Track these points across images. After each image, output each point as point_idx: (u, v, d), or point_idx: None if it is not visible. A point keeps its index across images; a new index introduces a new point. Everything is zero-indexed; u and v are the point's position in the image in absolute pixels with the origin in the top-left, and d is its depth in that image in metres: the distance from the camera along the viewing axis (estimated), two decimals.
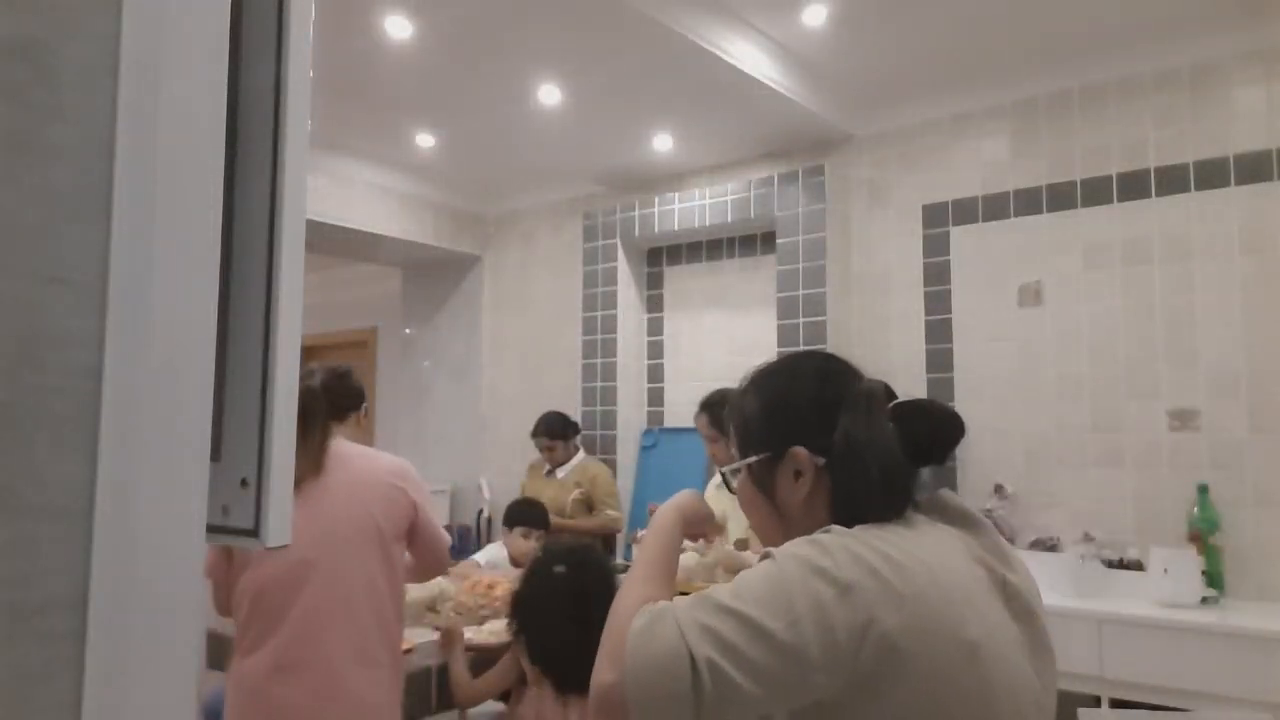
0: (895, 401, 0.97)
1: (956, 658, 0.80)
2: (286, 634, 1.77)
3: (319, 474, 1.82)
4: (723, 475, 1.08)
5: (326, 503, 1.82)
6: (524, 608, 2.11)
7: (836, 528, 0.87)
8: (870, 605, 0.79)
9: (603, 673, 0.85)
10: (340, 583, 1.81)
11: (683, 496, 1.12)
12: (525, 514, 3.17)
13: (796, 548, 0.85)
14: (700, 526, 1.13)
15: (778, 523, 1.00)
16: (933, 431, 0.95)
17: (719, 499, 3.02)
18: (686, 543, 1.22)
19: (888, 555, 0.83)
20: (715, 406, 2.87)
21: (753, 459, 1.01)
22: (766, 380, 1.07)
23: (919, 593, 0.81)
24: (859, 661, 0.79)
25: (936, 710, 0.79)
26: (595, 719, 0.85)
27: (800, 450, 0.97)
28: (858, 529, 0.87)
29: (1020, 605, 0.88)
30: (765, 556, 0.87)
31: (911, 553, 0.84)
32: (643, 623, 0.84)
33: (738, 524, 2.90)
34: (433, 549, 2.03)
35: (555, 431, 3.95)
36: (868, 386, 0.98)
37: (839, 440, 0.94)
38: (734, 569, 2.56)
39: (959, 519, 0.94)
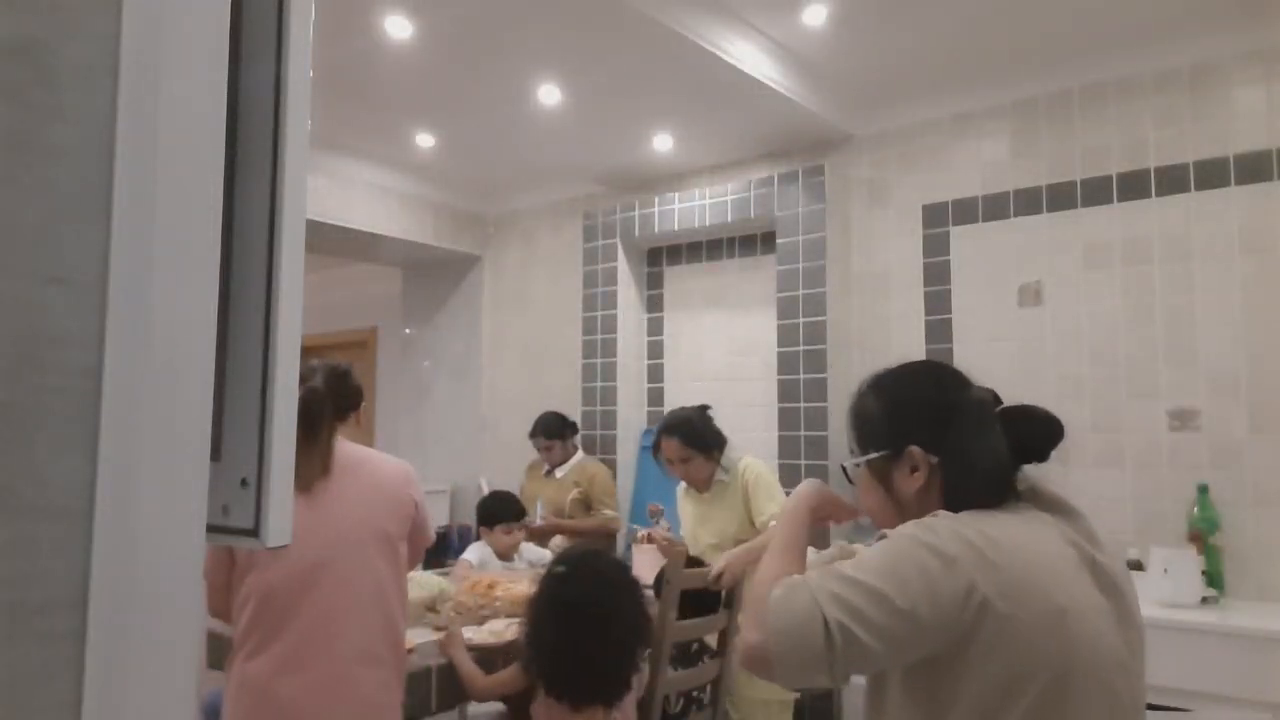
0: (1002, 407, 1.11)
1: (1048, 621, 0.94)
2: (295, 635, 1.77)
3: (327, 475, 1.83)
4: (843, 468, 1.22)
5: (337, 505, 1.83)
6: (532, 616, 2.09)
7: (944, 513, 1.03)
8: (970, 574, 0.95)
9: (749, 633, 1.04)
10: (350, 585, 1.82)
11: (807, 488, 1.27)
12: (501, 510, 3.15)
13: (909, 528, 1.01)
14: (827, 510, 1.27)
15: (894, 510, 1.13)
16: (1037, 433, 1.09)
17: (687, 505, 3.03)
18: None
19: (985, 533, 0.98)
20: (682, 427, 2.88)
21: (873, 455, 1.15)
22: (886, 384, 1.19)
23: (1011, 564, 0.95)
24: (962, 621, 0.94)
25: (1028, 661, 0.94)
26: (746, 668, 1.04)
27: (917, 449, 1.10)
28: (964, 514, 1.02)
29: (1108, 581, 1.01)
30: (882, 537, 1.03)
31: (1007, 532, 0.99)
32: (782, 592, 1.02)
33: (708, 530, 2.89)
34: (419, 548, 2.06)
35: (552, 431, 3.96)
36: (979, 394, 1.11)
37: (953, 442, 1.08)
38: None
39: (1055, 506, 1.08)
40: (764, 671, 1.02)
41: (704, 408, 3.00)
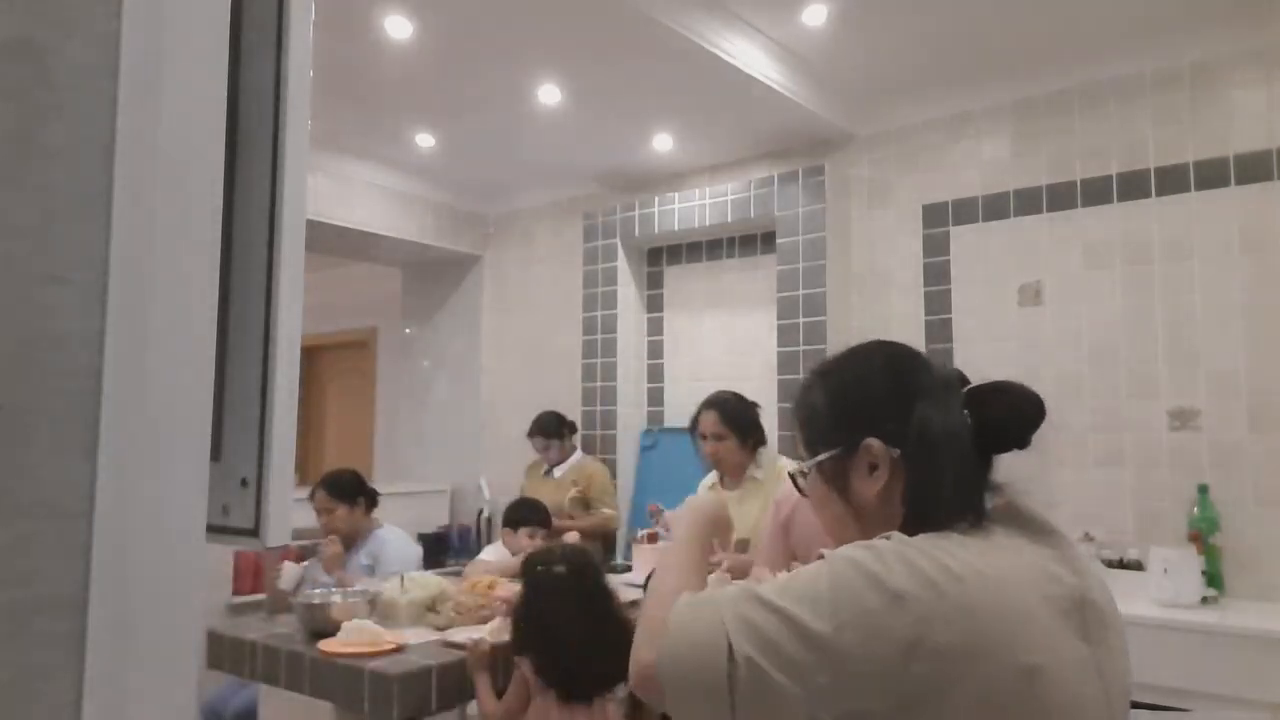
0: (971, 386, 0.93)
1: (1013, 682, 0.75)
2: None
3: None
4: (791, 477, 1.04)
5: None
6: (527, 620, 2.09)
7: (897, 534, 0.84)
8: (921, 618, 0.75)
9: (641, 651, 0.87)
10: None
11: (700, 501, 1.12)
12: (528, 514, 3.16)
13: (851, 551, 0.82)
14: (716, 531, 1.12)
15: (853, 521, 0.95)
16: (1011, 414, 0.91)
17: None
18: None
19: (946, 567, 0.78)
20: (725, 404, 2.82)
21: (825, 455, 0.96)
22: (833, 372, 1.00)
23: (976, 609, 0.76)
24: (905, 676, 0.75)
25: None
26: (636, 693, 0.89)
27: (875, 442, 0.92)
28: (920, 537, 0.83)
29: (1094, 624, 0.83)
30: (820, 558, 0.86)
31: (973, 565, 0.79)
32: (687, 608, 0.85)
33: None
34: None
35: (550, 431, 3.96)
36: (944, 375, 0.93)
37: (915, 431, 0.89)
38: (742, 574, 2.54)
39: (1034, 529, 0.88)
40: (654, 698, 0.85)
41: (753, 403, 2.91)
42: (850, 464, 0.94)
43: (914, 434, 0.89)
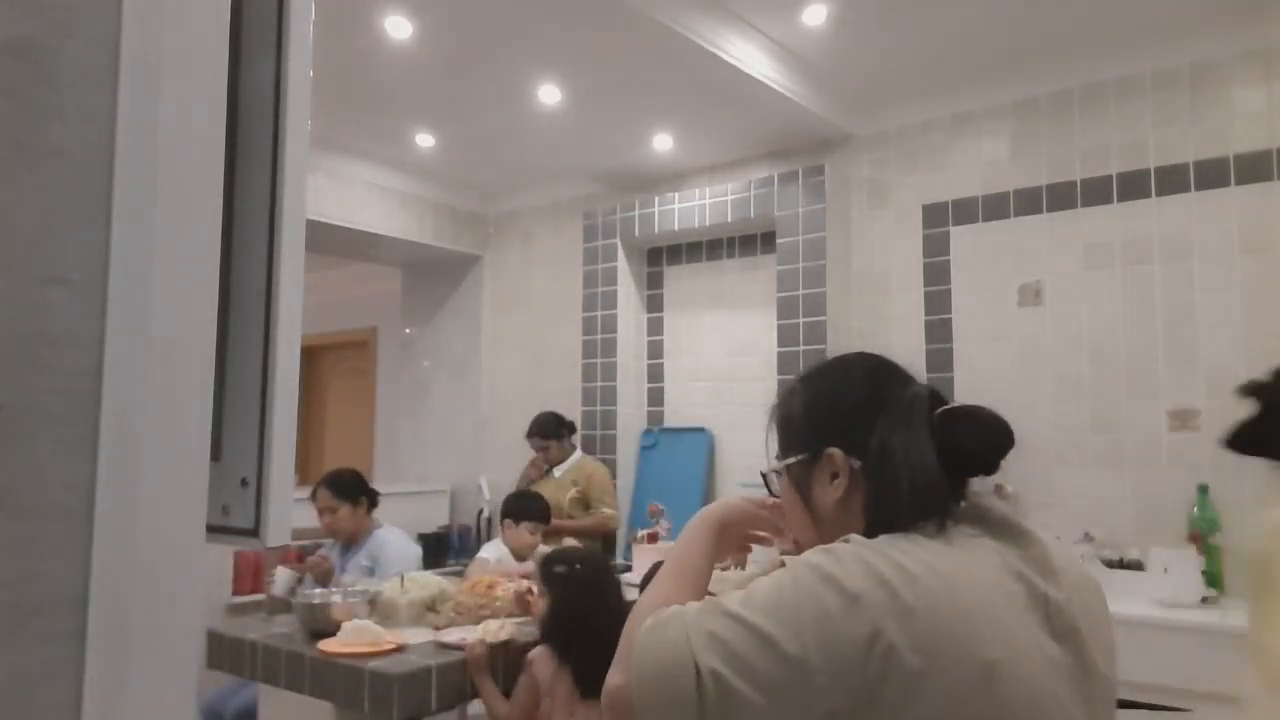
0: (943, 408, 0.93)
1: (971, 678, 0.76)
2: None
3: None
4: (763, 475, 1.06)
5: None
6: (562, 621, 2.12)
7: (856, 537, 0.85)
8: (878, 617, 0.77)
9: (613, 674, 0.87)
10: None
11: (720, 501, 1.10)
12: (529, 508, 3.16)
13: (810, 556, 0.84)
14: (741, 527, 1.09)
15: (813, 526, 0.98)
16: (980, 440, 0.91)
17: None
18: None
19: (901, 566, 0.80)
20: None
21: (792, 460, 0.99)
22: (814, 379, 1.03)
23: (932, 606, 0.78)
24: (865, 675, 0.77)
25: None
26: (606, 716, 0.88)
27: (836, 452, 0.94)
28: (880, 538, 0.84)
29: (1063, 624, 0.83)
30: (781, 564, 0.88)
31: (930, 564, 0.80)
32: (652, 627, 0.86)
33: None
34: None
35: (548, 431, 3.96)
36: (913, 392, 0.94)
37: (875, 446, 0.91)
38: None
39: (1000, 529, 0.89)
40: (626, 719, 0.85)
41: None
42: (814, 470, 0.97)
43: (875, 448, 0.91)
